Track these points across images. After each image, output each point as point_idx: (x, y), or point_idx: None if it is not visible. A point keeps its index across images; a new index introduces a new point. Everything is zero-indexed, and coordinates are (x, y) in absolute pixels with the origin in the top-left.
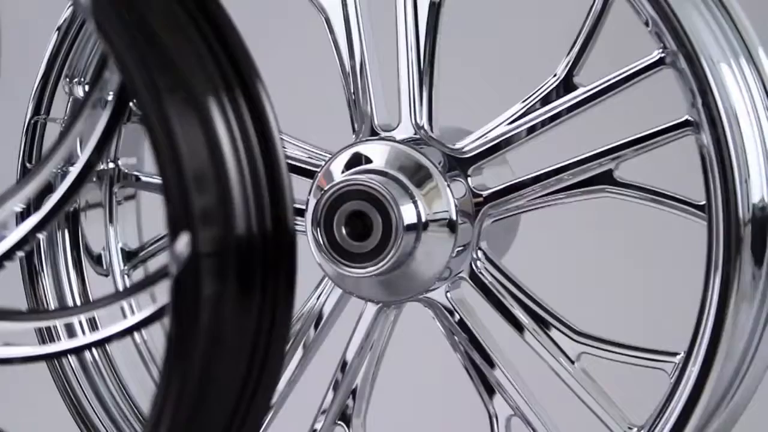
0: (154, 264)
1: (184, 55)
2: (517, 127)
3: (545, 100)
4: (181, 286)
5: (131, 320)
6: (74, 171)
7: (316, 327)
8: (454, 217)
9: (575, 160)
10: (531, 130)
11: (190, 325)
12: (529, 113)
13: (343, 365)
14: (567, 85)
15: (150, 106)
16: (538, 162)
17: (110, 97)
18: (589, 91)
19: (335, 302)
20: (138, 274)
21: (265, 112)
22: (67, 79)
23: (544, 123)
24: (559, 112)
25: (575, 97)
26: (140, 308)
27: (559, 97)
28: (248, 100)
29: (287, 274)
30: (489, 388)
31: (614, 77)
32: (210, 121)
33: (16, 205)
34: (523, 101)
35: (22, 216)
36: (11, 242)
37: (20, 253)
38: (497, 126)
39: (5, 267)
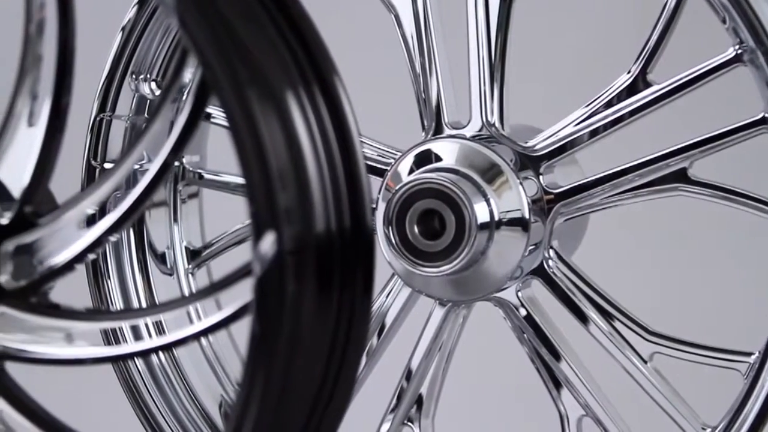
0: (215, 263)
1: (264, 51)
2: (589, 125)
3: (617, 99)
4: (265, 286)
5: (214, 318)
6: (151, 171)
7: (379, 336)
8: (527, 216)
9: (648, 158)
10: (603, 128)
11: (274, 324)
12: (601, 111)
13: (408, 373)
14: (641, 83)
15: (233, 103)
16: (608, 160)
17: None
18: (663, 88)
19: (403, 302)
20: (201, 275)
21: (343, 108)
22: (133, 76)
23: (616, 121)
24: (633, 110)
25: (649, 95)
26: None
27: (632, 95)
28: (326, 96)
29: (365, 274)
30: (556, 383)
31: (688, 75)
32: (289, 117)
33: (90, 207)
34: (595, 99)
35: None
36: (84, 244)
37: (92, 256)
38: (569, 124)
39: (75, 269)
